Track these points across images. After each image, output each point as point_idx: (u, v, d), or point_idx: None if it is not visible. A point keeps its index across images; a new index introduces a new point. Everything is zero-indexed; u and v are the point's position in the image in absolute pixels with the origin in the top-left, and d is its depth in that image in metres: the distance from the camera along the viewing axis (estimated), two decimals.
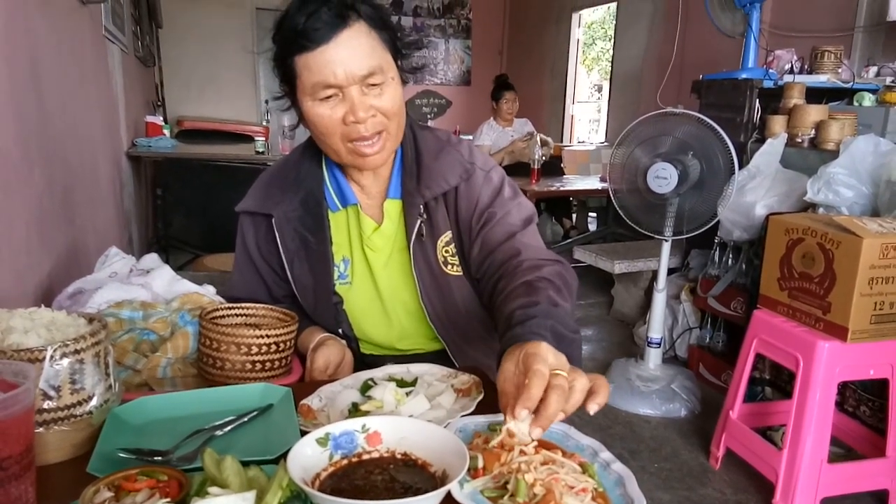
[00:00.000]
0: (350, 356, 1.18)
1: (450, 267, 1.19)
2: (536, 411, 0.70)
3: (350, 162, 1.12)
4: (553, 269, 1.03)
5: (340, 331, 1.24)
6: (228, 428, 0.85)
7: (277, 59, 1.08)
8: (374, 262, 1.22)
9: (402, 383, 0.97)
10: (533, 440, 0.72)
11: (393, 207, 1.20)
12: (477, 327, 1.23)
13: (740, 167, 2.56)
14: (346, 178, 1.20)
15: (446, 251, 1.18)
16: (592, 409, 0.73)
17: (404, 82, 1.12)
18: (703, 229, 2.61)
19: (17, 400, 0.59)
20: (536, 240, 1.14)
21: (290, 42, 1.03)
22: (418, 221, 1.15)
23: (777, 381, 2.66)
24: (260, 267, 1.27)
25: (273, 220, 1.19)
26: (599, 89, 9.65)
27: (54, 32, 1.88)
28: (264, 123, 6.06)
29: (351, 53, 1.01)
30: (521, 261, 1.05)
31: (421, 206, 1.15)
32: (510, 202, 1.17)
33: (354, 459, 0.72)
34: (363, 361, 1.28)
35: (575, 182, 4.64)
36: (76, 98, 2.17)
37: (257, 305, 1.19)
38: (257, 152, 4.32)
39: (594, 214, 5.79)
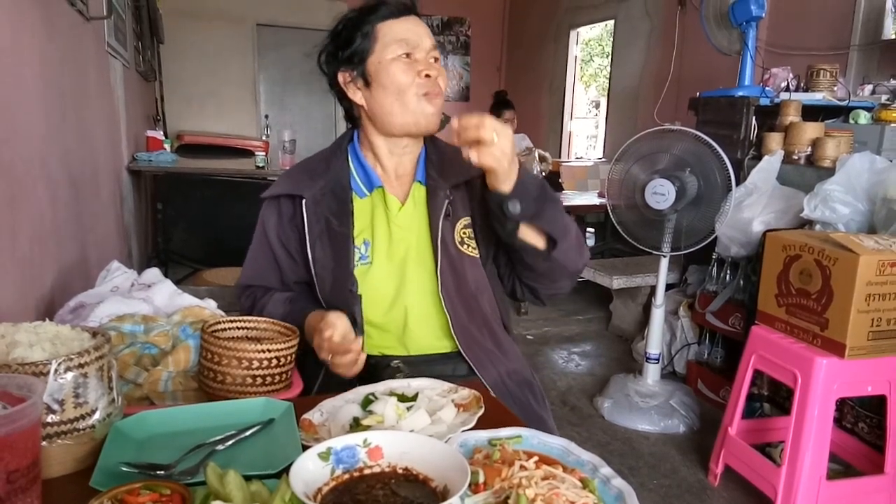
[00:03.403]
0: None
1: (465, 247, 1.31)
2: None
3: (413, 119, 1.25)
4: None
5: (353, 315, 1.27)
6: (230, 442, 0.86)
7: (350, 32, 1.25)
8: (399, 239, 1.30)
9: (403, 398, 0.97)
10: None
11: (418, 191, 1.32)
12: (482, 307, 1.32)
13: (737, 184, 2.57)
14: (373, 162, 1.33)
15: (464, 233, 1.31)
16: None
17: None
18: (700, 245, 2.63)
19: (24, 413, 0.59)
20: None
21: (370, 13, 1.24)
22: (446, 202, 1.28)
23: (775, 398, 2.66)
24: (277, 252, 1.34)
25: (304, 201, 1.28)
26: (597, 105, 9.70)
27: (59, 48, 1.90)
28: (264, 138, 6.08)
29: (422, 29, 1.26)
30: None
31: (447, 190, 1.29)
32: None
33: (356, 474, 0.73)
34: (367, 363, 1.30)
35: (573, 197, 4.66)
36: (79, 112, 2.18)
37: (259, 319, 1.19)
38: (257, 167, 4.33)
39: (592, 230, 5.80)
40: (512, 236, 1.20)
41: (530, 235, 1.21)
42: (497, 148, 1.07)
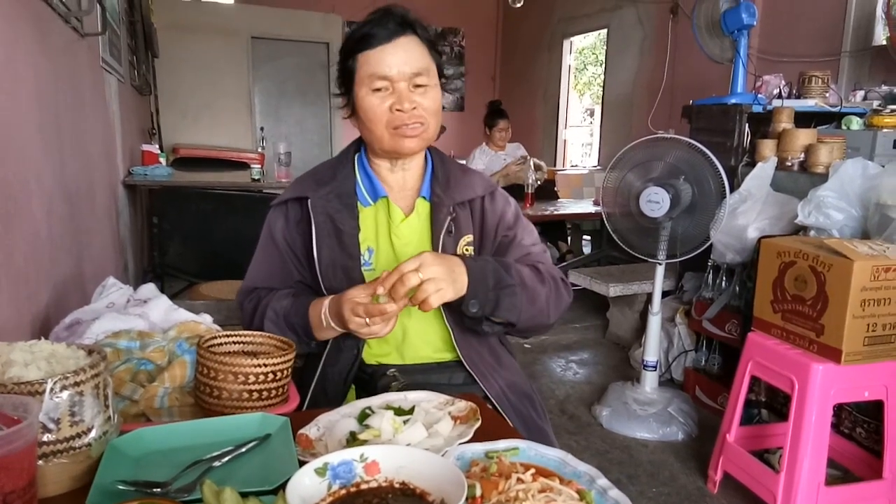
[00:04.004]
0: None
1: None
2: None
3: (391, 146, 1.26)
4: (547, 269, 1.31)
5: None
6: (227, 458, 0.85)
7: (342, 59, 1.28)
8: (400, 251, 1.32)
9: (399, 411, 0.97)
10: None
11: (422, 206, 1.35)
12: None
13: (731, 191, 2.59)
14: (376, 176, 1.35)
15: (466, 250, 1.33)
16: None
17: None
18: (696, 252, 2.63)
19: (20, 435, 0.59)
20: (546, 258, 1.39)
21: (356, 42, 1.23)
22: (448, 218, 1.31)
23: (773, 404, 2.66)
24: (283, 254, 1.36)
25: (309, 202, 1.31)
26: (591, 114, 9.75)
27: (54, 65, 1.90)
28: (260, 150, 6.09)
29: (404, 56, 1.22)
30: (531, 264, 1.31)
31: (450, 207, 1.31)
32: (527, 227, 1.40)
33: (353, 489, 0.72)
34: (365, 372, 1.32)
35: (569, 206, 4.67)
36: (74, 128, 2.18)
37: (255, 333, 1.19)
38: (253, 179, 4.33)
39: (588, 237, 5.82)
40: (479, 326, 1.24)
41: (497, 318, 1.24)
42: (429, 282, 1.07)
